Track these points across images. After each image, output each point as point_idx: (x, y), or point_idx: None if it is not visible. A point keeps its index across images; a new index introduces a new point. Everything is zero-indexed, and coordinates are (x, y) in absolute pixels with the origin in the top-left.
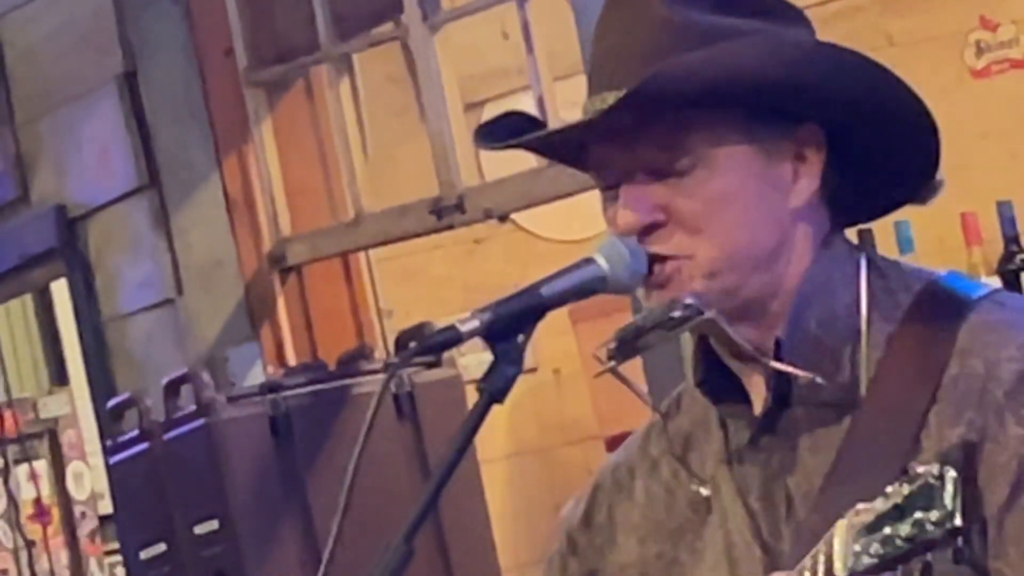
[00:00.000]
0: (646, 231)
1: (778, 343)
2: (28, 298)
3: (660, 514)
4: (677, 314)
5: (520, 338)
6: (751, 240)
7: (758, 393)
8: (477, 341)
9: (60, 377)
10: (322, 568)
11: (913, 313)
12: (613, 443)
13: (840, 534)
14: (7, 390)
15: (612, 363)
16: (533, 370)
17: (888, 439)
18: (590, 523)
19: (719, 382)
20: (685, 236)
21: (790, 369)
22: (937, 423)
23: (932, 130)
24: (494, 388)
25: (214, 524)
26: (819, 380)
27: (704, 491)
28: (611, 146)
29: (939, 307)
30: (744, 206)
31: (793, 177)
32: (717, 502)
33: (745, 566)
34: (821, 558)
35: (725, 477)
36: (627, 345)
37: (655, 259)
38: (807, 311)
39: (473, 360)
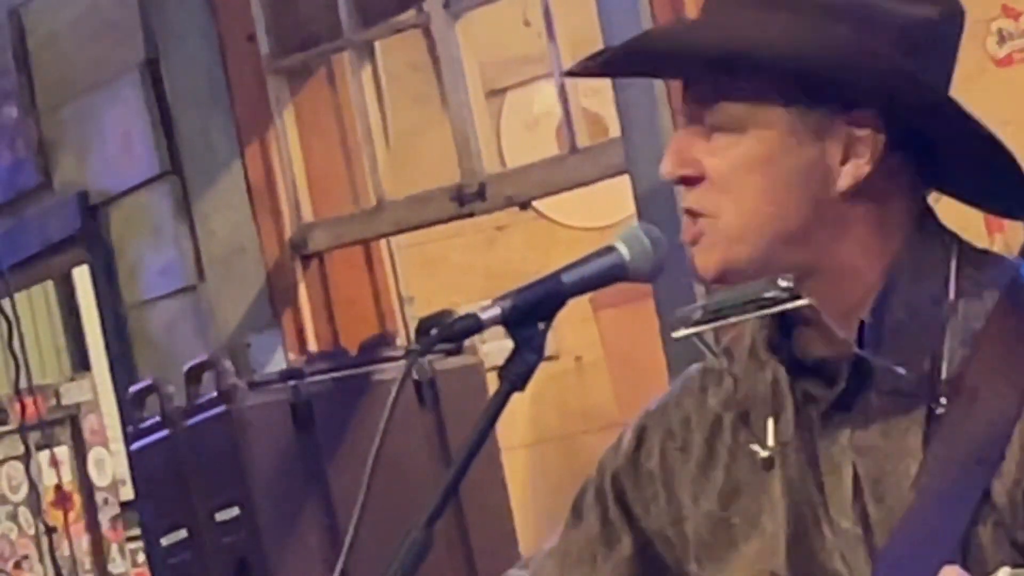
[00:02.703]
0: (684, 183)
1: (862, 327)
2: (50, 284)
3: (718, 472)
4: (771, 295)
5: (541, 326)
6: (774, 212)
7: (819, 354)
8: (498, 328)
9: (82, 363)
10: (343, 555)
11: (1000, 311)
12: None
13: None
14: (28, 376)
15: (693, 329)
16: (554, 358)
17: (975, 450)
18: (638, 469)
19: (787, 346)
20: (715, 195)
21: (875, 358)
22: (1022, 437)
23: (996, 152)
24: (515, 375)
25: (235, 511)
26: (901, 371)
27: (764, 453)
28: (684, 89)
29: None
30: (770, 177)
31: (841, 159)
32: (782, 469)
33: (815, 539)
34: None
35: (795, 445)
36: (711, 317)
37: (688, 214)
38: (894, 297)
39: (494, 347)
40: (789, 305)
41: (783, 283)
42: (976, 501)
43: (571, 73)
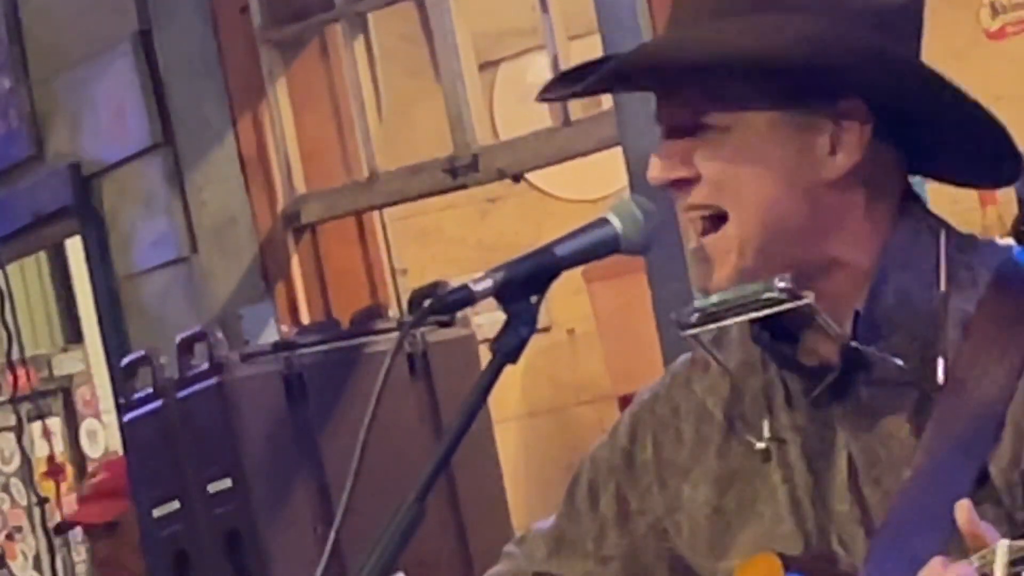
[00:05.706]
0: (676, 187)
1: (856, 317)
2: (43, 256)
3: (710, 459)
4: (770, 295)
5: (533, 298)
6: (772, 210)
7: (820, 352)
8: (491, 300)
9: (74, 335)
10: (335, 526)
11: (993, 294)
12: (626, 402)
13: (1001, 556)
14: (21, 347)
15: (693, 330)
16: (547, 330)
17: (970, 432)
18: (632, 460)
19: (775, 336)
20: (713, 192)
21: (870, 348)
22: (1017, 418)
23: (979, 116)
24: (507, 348)
25: (227, 482)
26: (896, 360)
27: (760, 444)
28: (659, 99)
29: (1019, 290)
30: (761, 171)
31: (830, 150)
32: (779, 457)
33: (812, 523)
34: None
35: (790, 434)
36: (710, 317)
37: (692, 210)
38: (886, 285)
39: (487, 319)
40: (788, 305)
41: (781, 283)
42: (971, 481)
43: (546, 98)
